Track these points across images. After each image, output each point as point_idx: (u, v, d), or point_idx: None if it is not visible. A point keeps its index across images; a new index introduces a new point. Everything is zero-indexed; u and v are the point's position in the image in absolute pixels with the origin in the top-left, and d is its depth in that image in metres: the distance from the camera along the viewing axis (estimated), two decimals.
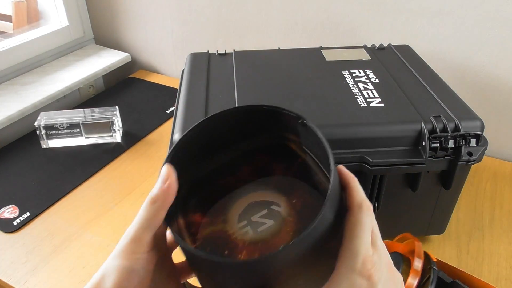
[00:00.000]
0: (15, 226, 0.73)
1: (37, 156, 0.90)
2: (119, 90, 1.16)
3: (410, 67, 0.72)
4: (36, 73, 1.12)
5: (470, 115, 0.59)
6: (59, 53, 1.19)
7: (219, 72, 0.71)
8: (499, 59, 0.83)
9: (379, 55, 0.76)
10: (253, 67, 0.71)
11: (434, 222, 0.66)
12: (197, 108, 0.61)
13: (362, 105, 0.60)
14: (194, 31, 1.15)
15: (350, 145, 0.56)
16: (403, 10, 0.88)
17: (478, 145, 0.57)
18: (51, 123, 0.88)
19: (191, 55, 0.77)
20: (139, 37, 1.25)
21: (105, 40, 1.31)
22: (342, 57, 0.75)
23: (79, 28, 1.24)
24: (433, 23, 0.86)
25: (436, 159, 0.57)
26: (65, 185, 0.82)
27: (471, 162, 0.57)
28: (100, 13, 1.26)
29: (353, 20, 0.94)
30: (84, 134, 0.91)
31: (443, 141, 0.56)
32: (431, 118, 0.57)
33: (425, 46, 0.89)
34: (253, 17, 1.04)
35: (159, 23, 1.18)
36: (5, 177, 0.84)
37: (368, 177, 0.57)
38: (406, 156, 0.56)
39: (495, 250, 0.68)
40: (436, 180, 0.60)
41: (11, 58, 1.07)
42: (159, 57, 1.25)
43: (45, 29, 1.16)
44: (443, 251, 0.68)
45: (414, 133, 0.57)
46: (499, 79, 0.85)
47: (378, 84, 0.66)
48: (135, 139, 0.95)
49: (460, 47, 0.86)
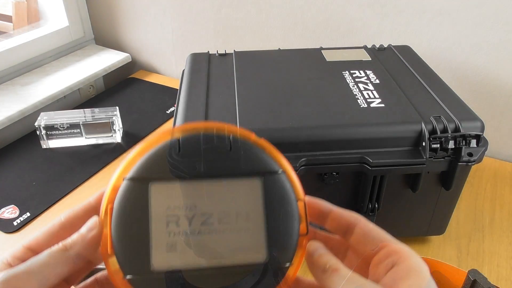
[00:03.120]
0: (15, 226, 0.73)
1: (37, 156, 0.90)
2: (119, 90, 1.16)
3: (410, 67, 0.72)
4: (36, 73, 1.12)
5: (470, 115, 0.59)
6: (59, 53, 1.19)
7: (219, 72, 0.71)
8: (499, 59, 0.83)
9: (379, 56, 0.76)
10: (254, 67, 0.71)
11: (434, 223, 0.66)
12: (197, 108, 0.61)
13: (362, 105, 0.60)
14: (194, 31, 1.15)
15: (350, 145, 0.56)
16: (403, 11, 0.88)
17: (478, 145, 0.57)
18: (51, 123, 0.88)
19: (191, 55, 0.77)
20: (139, 37, 1.25)
21: (105, 41, 1.31)
22: (342, 57, 0.75)
23: (79, 29, 1.24)
24: (433, 23, 0.86)
25: (436, 159, 0.57)
26: (65, 185, 0.82)
27: (471, 162, 0.57)
28: (100, 14, 1.26)
29: (353, 20, 0.94)
30: (84, 134, 0.91)
31: (443, 141, 0.56)
32: (431, 118, 0.57)
33: (425, 46, 0.89)
34: (253, 17, 1.04)
35: (160, 23, 1.18)
36: (5, 177, 0.84)
37: (368, 177, 0.57)
38: (406, 157, 0.56)
39: (495, 250, 0.68)
40: (436, 181, 0.60)
41: (12, 58, 1.07)
42: (159, 57, 1.25)
43: (45, 29, 1.16)
44: (443, 252, 0.68)
45: (414, 133, 0.57)
46: (499, 79, 0.85)
47: (378, 84, 0.66)
48: (135, 139, 0.95)
49: (460, 48, 0.86)
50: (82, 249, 0.27)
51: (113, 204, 0.29)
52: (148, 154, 0.30)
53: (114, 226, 0.28)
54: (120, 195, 0.29)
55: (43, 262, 0.26)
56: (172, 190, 0.29)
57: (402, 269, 0.27)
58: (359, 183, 0.59)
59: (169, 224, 0.28)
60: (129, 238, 0.28)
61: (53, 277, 0.26)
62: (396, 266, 0.27)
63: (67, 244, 0.27)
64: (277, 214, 0.30)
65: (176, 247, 0.28)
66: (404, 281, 0.26)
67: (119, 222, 0.28)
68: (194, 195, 0.29)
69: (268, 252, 0.29)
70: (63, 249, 0.27)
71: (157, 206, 0.29)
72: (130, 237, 0.28)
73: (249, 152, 0.30)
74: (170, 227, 0.28)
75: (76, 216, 0.30)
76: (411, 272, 0.26)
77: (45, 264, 0.26)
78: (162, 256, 0.28)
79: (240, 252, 0.28)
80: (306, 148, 0.56)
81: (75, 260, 0.27)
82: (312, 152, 0.56)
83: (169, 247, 0.28)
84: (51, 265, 0.26)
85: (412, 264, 0.27)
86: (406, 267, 0.27)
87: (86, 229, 0.28)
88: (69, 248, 0.27)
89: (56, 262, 0.27)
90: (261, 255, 0.29)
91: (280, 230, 0.29)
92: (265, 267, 0.28)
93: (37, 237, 0.29)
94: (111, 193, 0.29)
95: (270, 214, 0.29)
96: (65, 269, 0.27)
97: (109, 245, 0.28)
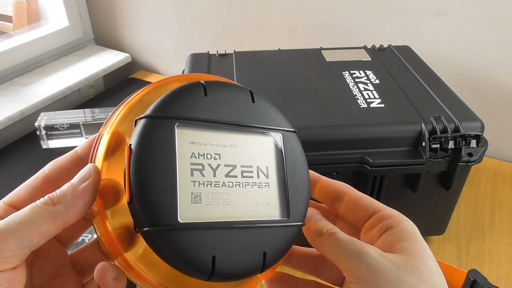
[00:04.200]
0: None
1: (37, 156, 0.90)
2: (119, 91, 1.16)
3: (410, 67, 0.72)
4: (36, 73, 1.12)
5: (470, 115, 0.59)
6: (59, 53, 1.19)
7: (219, 72, 0.71)
8: (499, 59, 0.83)
9: (379, 56, 0.76)
10: (254, 67, 0.72)
11: (434, 223, 0.66)
12: None
13: (362, 105, 0.60)
14: (194, 31, 1.15)
15: (350, 145, 0.56)
16: (403, 11, 0.88)
17: (478, 145, 0.57)
18: (51, 124, 0.88)
19: (191, 55, 0.77)
20: (140, 37, 1.25)
21: (105, 41, 1.31)
22: (342, 57, 0.75)
23: (79, 29, 1.24)
24: (433, 23, 0.86)
25: (436, 159, 0.57)
26: None
27: (471, 162, 0.57)
28: (101, 14, 1.26)
29: (353, 20, 0.94)
30: (84, 135, 0.91)
31: (443, 141, 0.56)
32: (431, 118, 0.57)
33: (425, 46, 0.89)
34: (253, 17, 1.04)
35: (160, 23, 1.18)
36: (5, 177, 0.84)
37: (368, 177, 0.57)
38: (406, 157, 0.57)
39: (495, 250, 0.68)
40: (436, 181, 0.60)
41: (12, 59, 1.07)
42: (160, 57, 1.25)
43: (45, 29, 1.16)
44: (443, 252, 0.68)
45: (414, 133, 0.57)
46: (499, 79, 0.85)
47: (378, 84, 0.66)
48: None
49: (460, 48, 0.86)
50: (72, 203, 0.23)
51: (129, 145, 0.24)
52: (168, 94, 0.26)
53: (133, 170, 0.24)
54: (139, 134, 0.24)
55: (24, 219, 0.22)
56: (197, 136, 0.27)
57: (397, 232, 0.27)
58: (359, 183, 0.59)
59: (194, 173, 0.26)
60: (152, 184, 0.24)
61: (37, 237, 0.22)
62: (390, 229, 0.27)
63: (53, 198, 0.23)
64: (294, 173, 0.29)
65: (201, 198, 0.26)
66: (400, 243, 0.26)
67: (142, 165, 0.24)
68: (218, 144, 0.27)
69: (286, 209, 0.28)
70: (48, 203, 0.23)
71: (182, 151, 0.26)
72: (154, 183, 0.24)
73: (269, 109, 0.30)
74: (194, 176, 0.26)
75: (62, 168, 0.26)
76: (406, 234, 0.27)
77: (26, 220, 0.22)
78: (187, 207, 0.25)
79: (263, 207, 0.28)
80: (306, 148, 0.56)
81: (63, 215, 0.23)
82: (312, 152, 0.56)
83: (194, 197, 0.25)
84: (33, 222, 0.22)
85: (407, 227, 0.27)
86: (401, 230, 0.27)
87: (78, 179, 0.24)
88: (56, 202, 0.23)
89: (40, 218, 0.22)
90: (282, 212, 0.28)
91: (297, 189, 0.29)
92: (288, 225, 0.28)
93: (18, 192, 0.25)
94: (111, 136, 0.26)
95: (288, 172, 0.29)
96: (52, 226, 0.22)
97: (127, 191, 0.23)
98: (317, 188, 0.31)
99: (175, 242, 0.24)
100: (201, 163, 0.26)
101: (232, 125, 0.28)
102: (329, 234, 0.27)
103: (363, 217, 0.29)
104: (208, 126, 0.27)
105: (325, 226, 0.28)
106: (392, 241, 0.27)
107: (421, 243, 0.27)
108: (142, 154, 0.24)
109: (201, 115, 0.27)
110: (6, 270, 0.21)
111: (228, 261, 0.25)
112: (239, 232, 0.26)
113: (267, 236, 0.27)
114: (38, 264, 0.26)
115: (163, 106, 0.26)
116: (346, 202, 0.30)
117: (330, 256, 0.27)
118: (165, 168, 0.24)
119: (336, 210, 0.31)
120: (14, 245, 0.21)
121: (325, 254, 0.27)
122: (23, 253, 0.22)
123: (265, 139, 0.29)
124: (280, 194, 0.29)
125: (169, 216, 0.24)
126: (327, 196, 0.31)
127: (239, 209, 0.27)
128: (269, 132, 0.30)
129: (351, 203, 0.30)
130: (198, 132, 0.27)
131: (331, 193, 0.31)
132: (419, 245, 0.26)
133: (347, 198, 0.30)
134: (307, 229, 0.29)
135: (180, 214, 0.24)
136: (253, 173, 0.28)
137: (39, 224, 0.22)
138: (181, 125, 0.26)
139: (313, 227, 0.29)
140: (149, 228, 0.23)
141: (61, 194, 0.23)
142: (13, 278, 0.22)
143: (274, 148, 0.30)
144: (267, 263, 0.27)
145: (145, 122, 0.25)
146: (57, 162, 0.26)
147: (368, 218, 0.29)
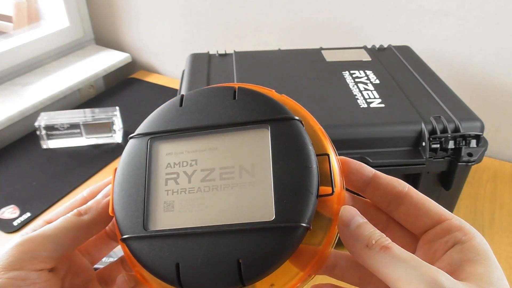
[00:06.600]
0: (16, 226, 0.73)
1: (38, 157, 0.90)
2: (119, 91, 1.16)
3: (410, 67, 0.72)
4: (36, 73, 1.12)
5: (470, 115, 0.59)
6: (59, 53, 1.19)
7: (219, 72, 0.71)
8: (499, 59, 0.83)
9: (379, 56, 0.76)
10: (254, 67, 0.72)
11: None
12: None
13: (362, 105, 0.60)
14: (194, 31, 1.15)
15: (350, 145, 0.56)
16: (403, 11, 0.88)
17: (478, 145, 0.57)
18: (51, 124, 0.89)
19: (192, 55, 0.77)
20: (140, 37, 1.25)
21: (105, 41, 1.31)
22: (342, 57, 0.75)
23: (79, 29, 1.24)
24: (433, 23, 0.86)
25: (436, 159, 0.57)
26: (65, 185, 0.82)
27: (471, 162, 0.57)
28: (101, 14, 1.26)
29: (354, 20, 0.94)
30: (84, 135, 0.91)
31: (443, 141, 0.56)
32: (431, 118, 0.57)
33: (425, 46, 0.89)
34: (253, 17, 1.04)
35: (160, 23, 1.18)
36: (6, 177, 0.84)
37: None
38: (406, 157, 0.57)
39: (495, 250, 0.68)
40: (436, 181, 0.61)
41: (12, 59, 1.07)
42: (160, 57, 1.25)
43: (45, 29, 1.16)
44: None
45: (414, 133, 0.57)
46: (499, 79, 0.85)
47: (378, 84, 0.66)
48: None
49: (460, 48, 0.86)
50: (96, 214, 0.28)
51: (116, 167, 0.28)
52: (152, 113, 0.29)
53: (115, 186, 0.27)
54: (123, 154, 0.28)
55: (57, 226, 0.27)
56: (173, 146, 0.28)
57: (468, 249, 0.23)
58: None
59: (168, 182, 0.27)
60: (126, 197, 0.27)
61: (68, 241, 0.26)
62: (460, 244, 0.23)
63: (81, 209, 0.28)
64: (287, 167, 0.25)
65: (174, 206, 0.26)
66: (472, 265, 0.22)
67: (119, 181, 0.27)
68: (195, 150, 0.27)
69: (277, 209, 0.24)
70: (77, 214, 0.27)
71: (157, 164, 0.27)
72: (128, 196, 0.27)
73: (256, 100, 0.28)
74: (168, 185, 0.27)
75: (98, 191, 0.30)
76: (480, 254, 0.22)
77: (59, 227, 0.26)
78: (159, 216, 0.26)
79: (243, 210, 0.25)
80: None
81: (89, 224, 0.27)
82: None
83: (167, 206, 0.26)
84: (65, 228, 0.26)
85: (480, 245, 0.23)
86: (473, 247, 0.23)
87: (101, 195, 0.29)
88: (83, 213, 0.28)
89: (70, 225, 0.27)
90: (268, 212, 0.25)
91: (292, 185, 0.25)
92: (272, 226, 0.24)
93: (57, 212, 0.29)
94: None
95: (279, 166, 0.25)
96: (80, 233, 0.27)
97: (111, 205, 0.27)
98: (370, 186, 0.26)
99: (141, 250, 0.25)
100: (176, 171, 0.27)
101: (209, 128, 0.27)
102: (382, 248, 0.21)
103: (425, 225, 0.25)
104: (183, 135, 0.28)
105: (373, 235, 0.22)
106: (462, 260, 0.22)
107: (497, 269, 0.22)
108: (120, 172, 0.28)
109: (174, 126, 0.28)
110: (44, 269, 0.25)
111: (195, 269, 0.24)
112: (208, 238, 0.24)
113: (245, 241, 0.24)
114: (69, 278, 0.29)
115: (141, 126, 0.29)
116: (406, 205, 0.25)
117: (383, 276, 0.21)
118: (137, 181, 0.27)
119: (391, 212, 0.26)
120: (49, 246, 0.25)
121: (375, 272, 0.22)
122: (57, 254, 0.26)
123: (249, 135, 0.27)
124: (267, 193, 0.25)
125: (136, 226, 0.26)
126: (383, 197, 0.26)
127: (215, 213, 0.25)
128: (254, 126, 0.27)
129: (412, 207, 0.25)
130: (174, 143, 0.28)
131: (388, 194, 0.26)
132: (495, 272, 0.22)
133: (407, 201, 0.25)
134: (348, 237, 0.23)
135: (150, 223, 0.26)
136: (234, 174, 0.26)
137: (69, 230, 0.27)
138: (155, 140, 0.28)
139: (355, 235, 0.23)
140: (121, 237, 0.26)
141: (87, 207, 0.28)
142: (49, 279, 0.26)
143: (262, 142, 0.27)
144: (245, 272, 0.23)
145: (128, 144, 0.28)
146: (94, 187, 0.31)
147: (431, 227, 0.25)
